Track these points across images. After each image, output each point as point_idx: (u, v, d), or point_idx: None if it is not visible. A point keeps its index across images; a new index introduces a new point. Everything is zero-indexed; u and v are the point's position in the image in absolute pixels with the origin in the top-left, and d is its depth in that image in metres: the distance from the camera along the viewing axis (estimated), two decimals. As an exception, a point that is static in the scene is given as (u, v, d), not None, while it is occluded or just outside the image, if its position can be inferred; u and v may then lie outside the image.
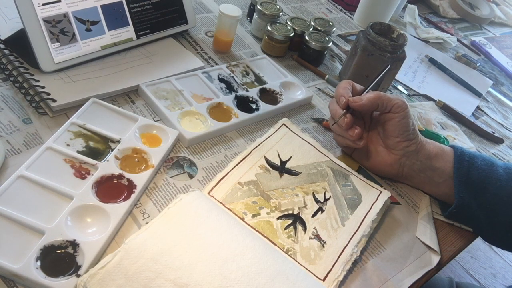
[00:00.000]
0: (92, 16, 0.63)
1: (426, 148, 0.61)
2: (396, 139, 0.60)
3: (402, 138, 0.60)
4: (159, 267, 0.42)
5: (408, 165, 0.61)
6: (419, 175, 0.62)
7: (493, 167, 0.59)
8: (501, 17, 1.40)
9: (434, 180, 0.61)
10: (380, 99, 0.59)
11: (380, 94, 0.59)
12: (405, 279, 0.53)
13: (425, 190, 0.64)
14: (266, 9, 0.82)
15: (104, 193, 0.48)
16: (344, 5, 1.12)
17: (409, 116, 0.59)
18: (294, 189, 0.57)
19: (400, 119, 0.59)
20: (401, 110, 0.58)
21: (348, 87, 0.62)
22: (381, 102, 0.59)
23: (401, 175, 0.63)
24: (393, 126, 0.59)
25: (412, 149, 0.60)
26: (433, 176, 0.61)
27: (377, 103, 0.59)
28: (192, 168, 0.57)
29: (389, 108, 0.59)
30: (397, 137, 0.60)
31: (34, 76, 0.58)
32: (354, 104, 0.59)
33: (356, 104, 0.59)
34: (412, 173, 0.62)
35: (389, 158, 0.62)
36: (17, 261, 0.40)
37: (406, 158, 0.61)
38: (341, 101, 0.60)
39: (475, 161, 0.59)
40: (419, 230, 0.59)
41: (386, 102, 0.59)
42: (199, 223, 0.47)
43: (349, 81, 0.63)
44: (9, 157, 0.50)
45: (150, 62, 0.68)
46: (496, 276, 1.74)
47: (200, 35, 0.81)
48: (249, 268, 0.44)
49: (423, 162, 0.61)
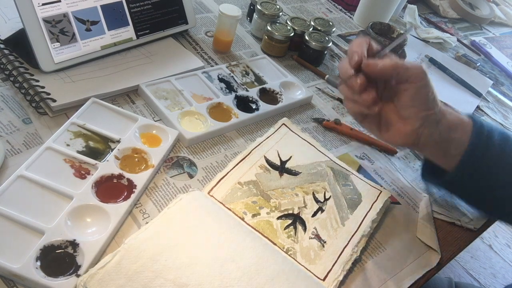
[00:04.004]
0: (92, 16, 0.63)
1: (447, 118, 0.55)
2: (413, 109, 0.54)
3: (420, 108, 0.53)
4: (159, 267, 0.42)
5: (426, 135, 0.55)
6: (435, 146, 0.56)
7: (509, 142, 0.56)
8: (501, 17, 1.40)
9: (449, 152, 0.56)
10: (397, 69, 0.51)
11: (397, 63, 0.52)
12: (405, 279, 0.53)
13: (438, 162, 0.58)
14: (266, 9, 0.82)
15: (104, 193, 0.48)
16: (344, 5, 1.12)
17: (428, 85, 0.53)
18: (294, 189, 0.57)
19: (417, 89, 0.52)
20: (419, 80, 0.52)
21: (364, 44, 0.54)
22: (397, 72, 0.52)
23: (417, 144, 0.56)
24: (408, 96, 0.53)
25: (432, 119, 0.54)
26: (449, 148, 0.56)
27: (393, 73, 0.52)
28: (192, 168, 0.57)
29: (405, 78, 0.52)
30: (414, 107, 0.54)
31: (34, 76, 0.58)
32: (368, 69, 0.52)
33: (369, 68, 0.52)
34: (428, 143, 0.56)
35: (404, 128, 0.55)
36: (17, 261, 0.40)
37: (424, 128, 0.54)
38: (353, 60, 0.53)
39: (492, 136, 0.55)
40: (419, 230, 0.59)
41: (403, 72, 0.52)
42: (199, 223, 0.47)
43: (366, 39, 0.55)
44: (9, 157, 0.50)
45: (150, 62, 0.68)
46: (496, 276, 1.74)
47: (200, 35, 0.81)
48: (249, 268, 0.44)
49: (442, 133, 0.55)
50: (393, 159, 0.70)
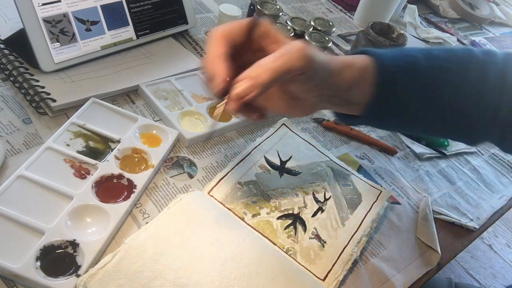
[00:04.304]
0: (92, 16, 0.63)
1: (344, 77, 0.47)
2: (305, 94, 0.46)
3: (312, 93, 0.46)
4: (159, 267, 0.42)
5: (326, 103, 0.49)
6: (338, 106, 0.51)
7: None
8: (501, 17, 1.40)
9: (354, 104, 0.50)
10: (282, 73, 0.40)
11: (279, 67, 0.39)
12: (405, 279, 0.53)
13: (346, 112, 0.53)
14: (266, 9, 0.82)
15: (104, 193, 0.48)
16: (344, 5, 1.12)
17: (315, 72, 0.43)
18: (294, 189, 0.57)
19: (303, 82, 0.43)
20: (303, 73, 0.42)
21: (223, 56, 0.41)
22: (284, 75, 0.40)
23: (318, 110, 0.52)
24: (296, 88, 0.45)
25: (327, 93, 0.47)
26: (352, 103, 0.50)
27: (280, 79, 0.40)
28: (192, 168, 0.57)
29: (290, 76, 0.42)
30: (305, 93, 0.46)
31: (34, 76, 0.58)
32: (241, 100, 0.40)
33: (243, 99, 0.40)
34: (330, 106, 0.51)
35: (300, 108, 0.49)
36: (17, 261, 0.40)
37: (322, 102, 0.48)
38: (216, 86, 0.41)
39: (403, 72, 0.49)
40: (419, 230, 0.59)
41: (286, 74, 0.40)
42: (199, 223, 0.47)
43: (224, 34, 0.42)
44: (9, 157, 0.50)
45: (150, 62, 0.68)
46: (496, 276, 1.74)
47: (200, 35, 0.81)
48: (249, 268, 0.44)
49: (342, 95, 0.48)
50: (393, 159, 0.70)
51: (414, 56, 0.50)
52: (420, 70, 0.50)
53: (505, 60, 0.51)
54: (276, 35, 0.44)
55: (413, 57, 0.50)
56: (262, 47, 0.45)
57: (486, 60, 0.51)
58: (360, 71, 0.48)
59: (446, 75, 0.50)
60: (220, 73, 0.40)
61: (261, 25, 0.44)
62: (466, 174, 0.74)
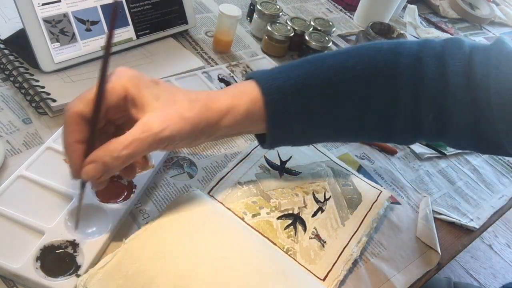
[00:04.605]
0: (92, 16, 0.63)
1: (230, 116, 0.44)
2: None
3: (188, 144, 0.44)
4: (159, 267, 0.42)
5: (222, 136, 0.47)
6: (233, 134, 0.48)
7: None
8: (501, 17, 1.40)
9: (252, 130, 0.49)
10: (133, 157, 0.39)
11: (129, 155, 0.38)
12: (405, 279, 0.53)
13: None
14: (266, 9, 0.82)
15: (104, 193, 0.48)
16: (344, 5, 1.12)
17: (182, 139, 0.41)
18: (294, 189, 0.57)
19: (184, 145, 0.43)
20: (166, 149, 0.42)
21: (74, 139, 0.38)
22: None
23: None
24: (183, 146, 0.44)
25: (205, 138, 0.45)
26: (250, 129, 0.48)
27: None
28: (192, 168, 0.57)
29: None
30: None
31: (34, 76, 0.58)
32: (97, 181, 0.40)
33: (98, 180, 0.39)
34: (222, 137, 0.48)
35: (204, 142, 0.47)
36: (17, 261, 0.40)
37: (206, 139, 0.45)
38: (73, 174, 0.40)
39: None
40: (419, 230, 0.59)
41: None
42: (199, 223, 0.47)
43: (73, 118, 0.38)
44: (9, 157, 0.50)
45: (150, 62, 0.68)
46: (496, 276, 1.74)
47: (200, 35, 0.81)
48: (249, 268, 0.44)
49: (232, 129, 0.45)
50: (393, 159, 0.70)
51: (305, 78, 0.46)
52: (312, 95, 0.47)
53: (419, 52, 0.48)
54: (134, 99, 0.39)
55: (304, 81, 0.46)
56: (127, 108, 0.40)
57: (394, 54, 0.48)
58: (247, 112, 0.45)
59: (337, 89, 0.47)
60: (74, 162, 0.39)
61: (113, 94, 0.39)
62: (466, 174, 0.74)
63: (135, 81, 0.40)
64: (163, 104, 0.40)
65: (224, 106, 0.43)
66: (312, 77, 0.46)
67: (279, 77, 0.46)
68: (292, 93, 0.46)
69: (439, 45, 0.48)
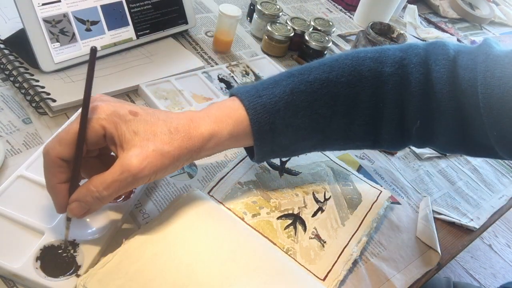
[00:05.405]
0: (92, 16, 0.63)
1: (216, 140, 0.44)
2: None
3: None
4: (159, 267, 0.42)
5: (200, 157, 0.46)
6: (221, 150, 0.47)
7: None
8: (501, 17, 1.40)
9: (241, 144, 0.49)
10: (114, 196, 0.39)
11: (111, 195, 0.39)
12: (405, 279, 0.53)
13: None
14: (266, 9, 0.82)
15: (104, 193, 0.48)
16: (344, 5, 1.12)
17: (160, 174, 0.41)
18: (294, 189, 0.57)
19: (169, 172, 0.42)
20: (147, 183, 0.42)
21: (56, 182, 0.39)
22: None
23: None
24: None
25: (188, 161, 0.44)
26: (238, 144, 0.48)
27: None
28: (192, 168, 0.57)
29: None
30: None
31: (34, 76, 0.58)
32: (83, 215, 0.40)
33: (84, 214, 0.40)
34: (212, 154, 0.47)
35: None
36: (17, 261, 0.40)
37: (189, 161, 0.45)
38: (58, 211, 0.41)
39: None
40: (419, 230, 0.59)
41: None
42: (199, 223, 0.47)
43: (53, 161, 0.38)
44: (9, 157, 0.50)
45: (150, 62, 0.68)
46: (496, 276, 1.74)
47: (200, 35, 0.81)
48: (249, 268, 0.44)
49: (219, 147, 0.45)
50: (393, 159, 0.70)
51: (289, 94, 0.46)
52: (298, 110, 0.46)
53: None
54: (113, 137, 0.39)
55: (289, 97, 0.46)
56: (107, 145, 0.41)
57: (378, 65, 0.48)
58: (230, 136, 0.45)
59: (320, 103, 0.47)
60: (59, 202, 0.40)
61: (92, 134, 0.39)
62: (466, 174, 0.74)
63: (113, 118, 0.39)
64: (142, 138, 0.39)
65: (206, 132, 0.43)
66: (297, 92, 0.47)
67: (263, 95, 0.46)
68: (278, 110, 0.46)
69: (422, 50, 0.48)
